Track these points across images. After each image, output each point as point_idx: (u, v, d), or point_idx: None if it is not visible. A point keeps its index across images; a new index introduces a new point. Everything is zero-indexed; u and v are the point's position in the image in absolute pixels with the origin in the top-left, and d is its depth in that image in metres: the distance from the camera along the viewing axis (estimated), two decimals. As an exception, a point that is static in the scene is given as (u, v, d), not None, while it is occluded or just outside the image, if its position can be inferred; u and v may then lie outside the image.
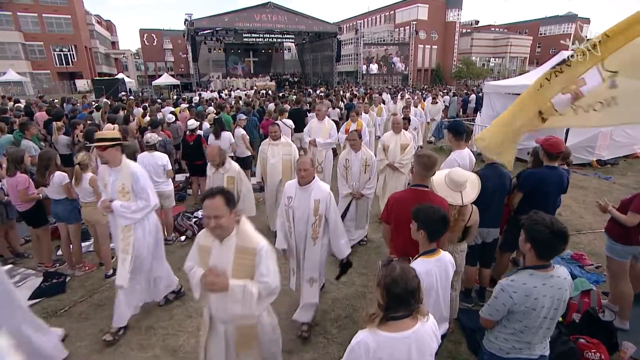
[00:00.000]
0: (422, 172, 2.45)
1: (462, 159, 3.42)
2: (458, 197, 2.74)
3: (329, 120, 6.25)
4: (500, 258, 3.59)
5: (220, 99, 15.99)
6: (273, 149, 4.99)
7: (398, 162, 5.22)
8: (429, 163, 2.46)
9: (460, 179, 2.75)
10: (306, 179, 2.97)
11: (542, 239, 1.73)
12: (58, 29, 38.12)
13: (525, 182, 3.20)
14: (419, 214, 2.05)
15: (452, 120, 3.71)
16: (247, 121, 8.57)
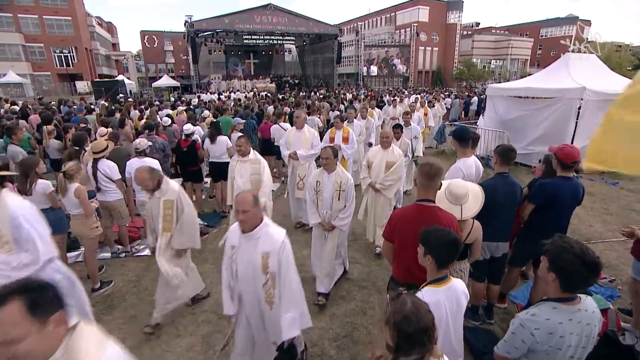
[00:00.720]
0: (425, 182, 2.23)
1: (468, 168, 3.21)
2: (457, 210, 2.54)
3: (309, 129, 5.46)
4: (509, 273, 3.38)
5: (220, 101, 15.78)
6: (241, 167, 4.26)
7: (380, 182, 4.46)
8: (431, 172, 2.22)
9: (460, 191, 2.55)
10: (248, 224, 2.24)
11: (571, 270, 1.50)
12: (58, 30, 38.11)
13: (537, 194, 2.98)
14: (426, 237, 1.83)
15: (457, 126, 3.49)
16: (245, 124, 8.44)
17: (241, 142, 4.25)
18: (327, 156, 3.56)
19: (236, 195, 2.33)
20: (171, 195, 3.26)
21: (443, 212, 2.23)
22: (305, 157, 5.27)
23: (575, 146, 3.00)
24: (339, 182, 3.59)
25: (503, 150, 2.96)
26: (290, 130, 5.53)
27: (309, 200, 3.79)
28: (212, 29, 32.11)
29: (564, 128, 8.32)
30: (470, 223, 2.57)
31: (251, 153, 4.30)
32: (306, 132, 5.36)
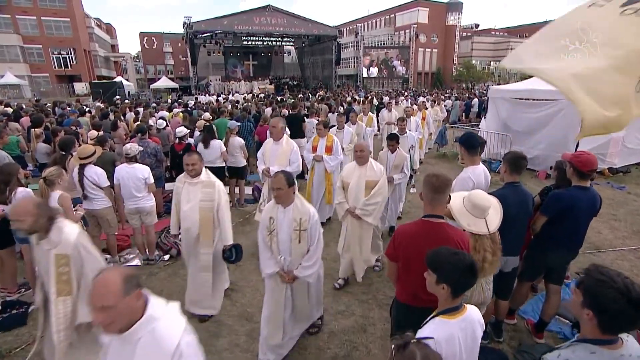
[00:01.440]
0: (432, 195, 2.02)
1: (478, 177, 3.00)
2: (482, 224, 2.33)
3: (288, 141, 4.71)
4: (519, 287, 3.17)
5: (217, 102, 15.57)
6: (189, 190, 3.32)
7: (361, 207, 3.70)
8: (438, 184, 2.00)
9: (485, 203, 2.34)
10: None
11: (614, 310, 1.26)
12: (57, 31, 37.98)
13: (550, 205, 2.77)
14: (438, 263, 1.59)
15: (465, 133, 3.27)
16: (241, 127, 8.24)
17: (193, 159, 3.27)
18: (279, 185, 2.58)
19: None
20: (65, 248, 2.26)
21: (452, 229, 2.02)
22: None
23: (592, 153, 2.79)
24: (298, 219, 2.67)
25: (513, 158, 2.75)
26: (267, 142, 4.79)
27: (261, 242, 2.84)
28: (210, 30, 31.95)
29: (569, 131, 8.10)
30: (498, 236, 2.38)
31: (203, 173, 3.36)
32: (284, 145, 4.59)
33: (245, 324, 3.46)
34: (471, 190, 2.90)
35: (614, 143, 8.65)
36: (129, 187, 4.11)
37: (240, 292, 3.95)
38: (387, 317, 3.45)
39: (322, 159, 5.25)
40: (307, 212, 2.70)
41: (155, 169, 5.85)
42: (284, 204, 2.69)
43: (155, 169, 5.84)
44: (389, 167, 4.68)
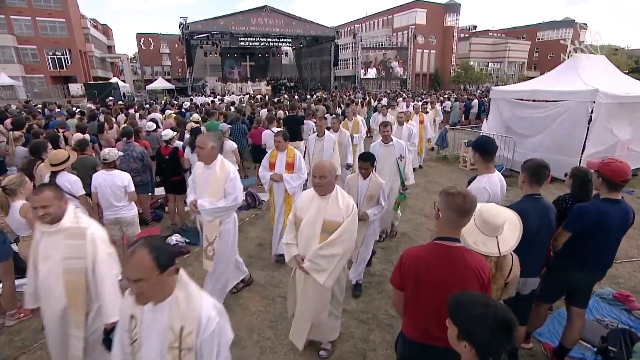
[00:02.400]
0: (454, 218, 1.67)
1: (493, 186, 2.67)
2: (493, 244, 2.01)
3: (223, 165, 3.37)
4: (537, 309, 2.84)
5: (212, 104, 15.24)
6: (47, 244, 2.21)
7: (310, 259, 2.58)
8: (466, 207, 1.64)
9: (496, 220, 2.01)
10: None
11: None
12: (52, 32, 37.59)
13: (575, 221, 2.44)
14: (461, 314, 1.23)
15: (480, 136, 2.92)
16: (234, 130, 7.92)
17: (43, 198, 2.11)
18: (140, 276, 1.37)
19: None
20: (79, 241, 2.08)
21: (471, 254, 1.68)
22: (209, 212, 3.23)
23: (624, 161, 2.46)
24: (178, 328, 1.45)
25: (533, 167, 2.42)
26: (197, 166, 3.49)
27: None
28: (207, 31, 31.64)
29: (575, 133, 7.83)
30: (510, 259, 2.05)
31: (68, 216, 2.21)
32: (217, 170, 3.28)
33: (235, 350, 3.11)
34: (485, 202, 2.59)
35: (621, 146, 8.36)
36: (107, 195, 3.77)
37: (228, 311, 3.61)
38: (390, 341, 3.12)
39: (281, 179, 4.26)
40: (196, 316, 1.45)
41: (142, 175, 5.53)
42: (153, 300, 1.46)
43: (141, 174, 5.51)
44: (360, 198, 3.56)
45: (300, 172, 4.36)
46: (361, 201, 3.63)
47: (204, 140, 3.26)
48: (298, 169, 4.35)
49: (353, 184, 3.74)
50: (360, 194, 3.66)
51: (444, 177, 8.59)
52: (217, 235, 3.37)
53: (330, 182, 2.61)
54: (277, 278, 4.24)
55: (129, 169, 5.42)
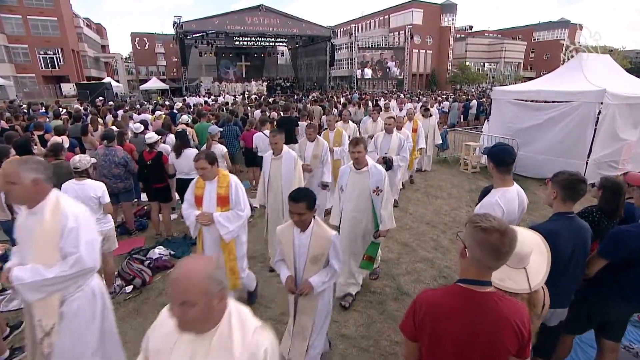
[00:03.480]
0: (487, 261, 1.28)
1: (509, 203, 2.30)
2: (522, 278, 1.65)
3: (56, 211, 2.05)
4: (563, 340, 2.49)
5: (205, 104, 14.83)
6: None
7: None
8: (502, 247, 1.25)
9: (522, 248, 1.65)
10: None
11: None
12: (44, 31, 36.95)
13: (614, 246, 2.09)
14: None
15: (497, 144, 2.53)
16: (226, 131, 7.54)
17: None
18: None
19: None
20: None
21: (507, 302, 1.31)
22: (31, 286, 2.00)
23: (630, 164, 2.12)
24: None
25: (569, 181, 2.05)
26: (21, 213, 2.21)
27: None
28: (201, 31, 31.16)
29: (581, 135, 7.53)
30: (542, 292, 1.70)
31: None
32: (47, 218, 2.04)
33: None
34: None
35: (627, 148, 8.08)
36: (78, 207, 3.37)
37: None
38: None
39: (211, 221, 3.07)
40: None
41: (125, 181, 5.15)
42: None
43: (124, 180, 5.13)
44: (300, 260, 2.42)
45: (240, 207, 3.14)
46: (301, 265, 2.41)
47: (14, 169, 1.96)
48: (236, 204, 3.13)
49: (286, 240, 2.42)
50: (298, 254, 2.41)
51: (446, 181, 8.26)
52: (56, 322, 2.09)
53: (202, 311, 1.19)
54: (268, 297, 3.87)
55: (111, 175, 5.05)
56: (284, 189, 4.07)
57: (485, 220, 1.29)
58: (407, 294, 3.91)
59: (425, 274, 4.35)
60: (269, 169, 4.19)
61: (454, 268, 4.50)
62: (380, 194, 3.45)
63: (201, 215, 3.08)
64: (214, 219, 3.06)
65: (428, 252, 4.92)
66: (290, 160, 4.16)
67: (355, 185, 3.49)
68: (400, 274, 4.33)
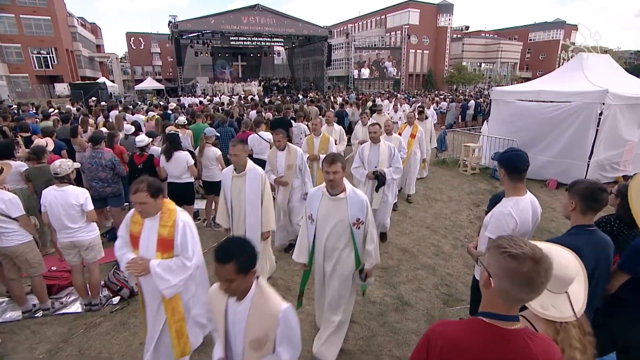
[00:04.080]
0: (517, 293, 1.08)
1: (522, 213, 2.12)
2: (565, 304, 1.46)
3: None
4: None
5: (200, 105, 14.59)
6: None
7: None
8: (537, 278, 1.06)
9: (567, 272, 1.46)
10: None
11: None
12: (37, 30, 36.45)
13: (635, 259, 1.91)
14: None
15: (508, 149, 2.32)
16: (222, 133, 7.33)
17: None
18: None
19: None
20: None
21: (536, 339, 1.10)
22: None
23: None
24: None
25: (589, 191, 1.87)
26: None
27: None
28: (197, 30, 30.91)
29: (583, 136, 7.41)
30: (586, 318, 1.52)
31: None
32: None
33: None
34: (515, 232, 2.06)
35: (628, 150, 7.97)
36: (60, 215, 3.16)
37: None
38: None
39: (146, 270, 2.37)
40: None
41: (112, 185, 4.93)
42: None
43: (112, 184, 4.91)
44: (235, 339, 1.64)
45: (186, 255, 2.43)
46: (238, 349, 1.71)
47: None
48: (182, 250, 2.43)
49: (218, 310, 1.73)
50: (233, 332, 1.71)
51: (445, 183, 8.09)
52: None
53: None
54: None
55: (98, 178, 4.84)
56: (248, 214, 3.44)
57: (515, 245, 1.08)
58: (409, 304, 3.73)
59: (426, 281, 4.18)
60: (230, 188, 3.47)
61: (456, 275, 4.33)
62: (361, 226, 2.67)
63: (133, 263, 2.35)
64: (150, 268, 2.33)
65: (429, 258, 4.75)
66: (256, 179, 3.45)
67: (329, 216, 2.65)
68: (400, 282, 4.15)
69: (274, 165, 4.53)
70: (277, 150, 4.51)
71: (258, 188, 3.46)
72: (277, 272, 4.29)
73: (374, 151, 4.62)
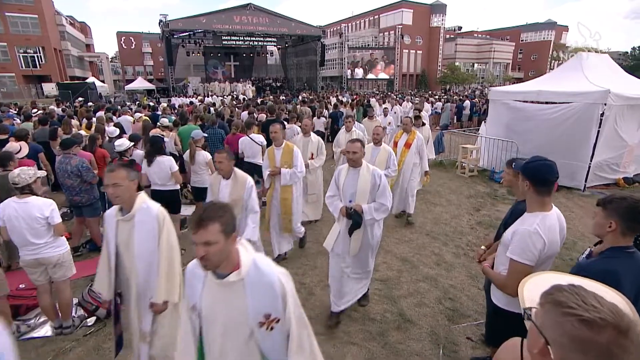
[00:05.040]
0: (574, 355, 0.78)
1: (550, 232, 1.83)
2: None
3: None
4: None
5: (191, 105, 14.20)
6: None
7: None
8: (621, 353, 0.73)
9: None
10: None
11: None
12: (23, 29, 35.65)
13: None
14: None
15: (534, 158, 1.99)
16: (211, 135, 7.00)
17: None
18: None
19: None
20: None
21: None
22: None
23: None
24: None
25: (631, 209, 1.60)
26: None
27: None
28: (188, 29, 30.41)
29: (584, 137, 7.21)
30: None
31: None
32: None
33: None
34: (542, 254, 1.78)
35: (629, 151, 7.81)
36: (22, 230, 2.82)
37: None
38: None
39: None
40: None
41: (82, 194, 4.51)
42: None
43: (81, 193, 4.50)
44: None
45: None
46: None
47: None
48: None
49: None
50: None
51: (443, 186, 7.85)
52: None
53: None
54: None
55: (65, 186, 4.48)
56: (140, 272, 2.32)
57: (586, 305, 0.78)
58: (411, 321, 3.45)
59: (429, 295, 3.90)
60: (115, 236, 2.32)
61: (460, 287, 4.06)
62: (276, 325, 1.55)
63: None
64: None
65: (430, 268, 4.48)
66: (149, 224, 2.29)
67: (218, 310, 1.55)
68: (401, 296, 3.87)
69: (216, 194, 3.40)
70: (221, 178, 3.41)
71: (150, 233, 2.29)
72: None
73: (351, 177, 3.19)
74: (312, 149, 5.26)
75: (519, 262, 1.86)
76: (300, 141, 5.26)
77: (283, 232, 4.55)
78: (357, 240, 3.18)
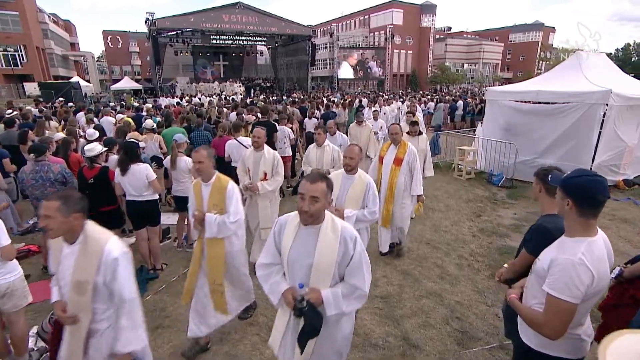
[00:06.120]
0: None
1: (599, 262, 1.48)
2: None
3: None
4: None
5: (178, 106, 13.68)
6: None
7: None
8: None
9: None
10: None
11: None
12: (3, 26, 34.58)
13: None
14: None
15: (579, 172, 1.59)
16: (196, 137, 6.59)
17: None
18: None
19: None
20: None
21: None
22: None
23: None
24: None
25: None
26: None
27: None
28: (176, 28, 29.76)
29: (585, 138, 6.98)
30: None
31: None
32: None
33: None
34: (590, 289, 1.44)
35: (628, 153, 7.62)
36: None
37: None
38: None
39: None
40: None
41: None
42: None
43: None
44: None
45: None
46: None
47: None
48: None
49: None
50: None
51: (440, 190, 7.56)
52: None
53: None
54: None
55: (45, 196, 4.03)
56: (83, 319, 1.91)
57: None
58: (417, 347, 3.09)
59: (434, 314, 3.55)
60: (61, 270, 1.94)
61: (467, 304, 3.73)
62: None
63: None
64: None
65: (434, 282, 4.14)
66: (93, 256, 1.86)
67: None
68: (404, 316, 3.51)
69: None
70: None
71: (87, 269, 1.86)
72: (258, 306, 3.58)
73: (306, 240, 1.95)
74: (265, 167, 4.02)
75: (561, 299, 1.51)
76: (250, 157, 4.10)
77: (214, 309, 2.93)
78: (311, 347, 1.89)
